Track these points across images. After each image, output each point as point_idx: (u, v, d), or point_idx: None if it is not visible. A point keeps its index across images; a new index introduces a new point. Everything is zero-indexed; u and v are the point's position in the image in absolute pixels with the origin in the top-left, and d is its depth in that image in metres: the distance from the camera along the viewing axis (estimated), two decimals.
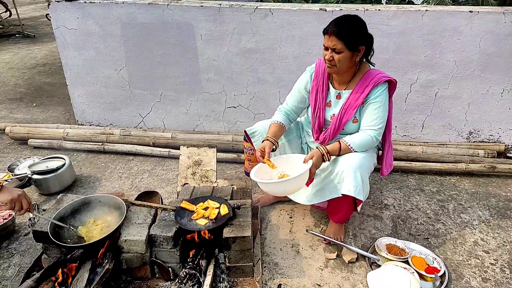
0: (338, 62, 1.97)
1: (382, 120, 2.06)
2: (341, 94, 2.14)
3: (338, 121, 2.12)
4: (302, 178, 2.00)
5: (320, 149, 2.07)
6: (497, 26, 2.85)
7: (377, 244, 2.21)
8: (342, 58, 1.95)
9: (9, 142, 3.56)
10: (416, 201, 2.70)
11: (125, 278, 1.98)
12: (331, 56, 1.96)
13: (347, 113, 2.09)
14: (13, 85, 5.03)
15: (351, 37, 1.92)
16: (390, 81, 2.06)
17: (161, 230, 1.93)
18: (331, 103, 2.17)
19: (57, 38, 3.47)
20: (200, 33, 3.20)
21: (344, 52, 1.94)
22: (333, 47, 1.94)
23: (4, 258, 2.21)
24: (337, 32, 1.91)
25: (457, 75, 3.04)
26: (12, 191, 1.75)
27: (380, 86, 2.04)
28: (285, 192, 2.20)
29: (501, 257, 2.20)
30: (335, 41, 1.92)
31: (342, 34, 1.91)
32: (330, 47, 1.95)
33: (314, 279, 2.06)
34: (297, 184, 2.04)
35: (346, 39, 1.92)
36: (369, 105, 2.06)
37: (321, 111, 2.18)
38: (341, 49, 1.93)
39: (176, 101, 3.51)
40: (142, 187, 2.87)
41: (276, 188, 2.08)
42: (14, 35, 7.59)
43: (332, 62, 1.98)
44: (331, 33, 1.93)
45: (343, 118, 2.11)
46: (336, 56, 1.95)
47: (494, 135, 3.22)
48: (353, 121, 2.12)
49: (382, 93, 2.04)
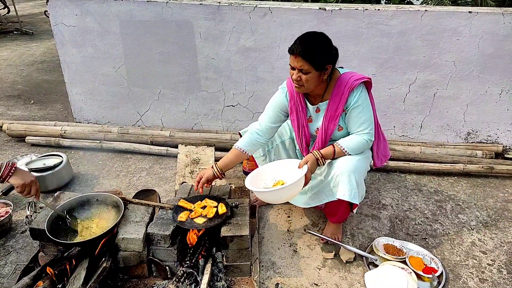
0: (305, 82, 1.93)
1: (369, 121, 2.05)
2: (319, 107, 2.12)
3: (323, 134, 2.10)
4: (298, 185, 1.99)
5: (314, 153, 2.06)
6: (496, 27, 2.85)
7: (374, 244, 2.21)
8: (310, 78, 1.91)
9: (7, 139, 3.55)
10: (414, 201, 2.70)
11: (122, 277, 1.97)
12: (298, 76, 1.92)
13: (330, 124, 2.07)
14: (11, 82, 5.01)
15: (318, 57, 1.88)
16: (365, 81, 2.03)
17: (159, 228, 1.93)
18: (312, 118, 2.16)
19: (55, 35, 3.46)
20: (199, 31, 3.19)
21: (311, 73, 1.90)
22: (300, 68, 1.89)
23: (1, 255, 2.20)
24: (303, 53, 1.86)
25: (455, 76, 3.05)
26: (25, 176, 1.79)
27: (356, 90, 2.00)
28: (281, 200, 2.18)
29: (498, 257, 2.21)
30: (301, 62, 1.87)
31: (308, 55, 1.86)
32: (296, 67, 1.90)
33: (311, 278, 2.06)
34: (293, 191, 2.03)
35: (312, 60, 1.87)
36: (352, 111, 2.03)
37: (305, 128, 2.16)
38: (308, 69, 1.89)
39: (175, 99, 3.50)
40: (140, 185, 2.86)
41: (272, 196, 2.08)
42: (12, 32, 7.56)
43: (300, 82, 1.94)
44: (296, 53, 1.88)
45: (328, 130, 2.09)
46: (303, 76, 1.91)
47: (492, 136, 3.23)
48: (338, 130, 2.10)
49: (361, 95, 2.00)
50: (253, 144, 2.21)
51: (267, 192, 2.06)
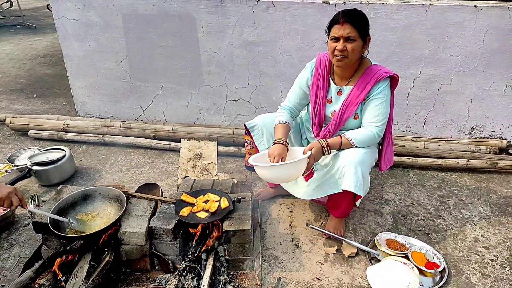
0: (351, 52, 1.93)
1: (384, 116, 2.04)
2: (342, 90, 2.11)
3: (339, 118, 2.09)
4: (298, 166, 1.97)
5: (320, 141, 2.05)
6: (502, 21, 2.82)
7: (377, 239, 2.21)
8: (355, 47, 1.93)
9: (10, 133, 3.56)
10: (417, 196, 2.69)
11: (124, 270, 1.98)
12: (344, 46, 1.92)
13: (348, 110, 2.07)
14: (14, 76, 5.02)
15: (363, 24, 1.93)
16: (392, 76, 2.04)
17: (161, 222, 1.93)
18: (332, 99, 2.15)
19: (58, 29, 3.45)
20: (202, 25, 3.17)
21: (357, 41, 1.92)
22: (347, 36, 1.90)
23: (4, 248, 2.21)
24: (350, 20, 1.89)
25: (460, 71, 3.02)
26: (1, 189, 1.71)
27: (382, 82, 2.01)
28: (279, 178, 2.12)
29: (501, 253, 2.20)
30: (349, 28, 1.89)
31: (356, 21, 1.90)
32: (343, 36, 1.91)
33: (313, 273, 2.06)
34: (292, 171, 2.00)
35: (359, 26, 1.91)
36: (371, 101, 2.03)
37: (321, 107, 2.15)
38: (355, 37, 1.91)
39: (177, 93, 3.49)
40: (142, 180, 2.86)
41: (271, 172, 2.03)
42: (15, 25, 7.56)
43: (345, 52, 1.94)
44: (343, 21, 1.90)
45: (344, 115, 2.08)
46: (349, 45, 1.92)
47: (496, 132, 3.21)
48: (354, 118, 2.10)
49: (385, 89, 2.02)
50: (292, 118, 2.26)
51: (266, 167, 2.02)
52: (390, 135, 2.25)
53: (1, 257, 2.15)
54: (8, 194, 1.71)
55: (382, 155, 2.24)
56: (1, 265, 2.09)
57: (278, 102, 2.36)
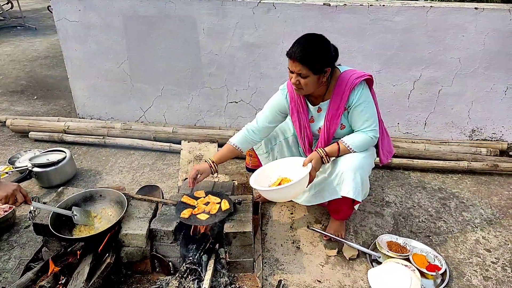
0: (305, 86, 1.92)
1: (373, 117, 2.03)
2: (321, 107, 2.10)
3: (326, 133, 2.09)
4: (302, 183, 1.98)
5: (318, 151, 2.05)
6: (503, 23, 2.82)
7: (378, 241, 2.21)
8: (309, 82, 1.90)
9: (10, 135, 3.56)
10: (418, 198, 2.69)
11: (125, 272, 1.97)
12: (297, 80, 1.91)
13: (333, 123, 2.06)
14: (14, 77, 5.02)
15: (316, 61, 1.86)
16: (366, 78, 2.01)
17: (162, 224, 1.93)
18: (314, 118, 2.14)
19: (58, 31, 3.45)
20: (203, 27, 3.18)
21: (310, 76, 1.88)
22: (298, 72, 1.88)
23: (5, 250, 2.21)
24: (301, 58, 1.84)
25: (461, 73, 3.02)
26: (6, 187, 1.73)
27: (357, 88, 1.98)
28: (285, 198, 2.18)
29: (503, 255, 2.20)
30: (299, 66, 1.86)
31: (306, 59, 1.84)
32: (295, 71, 1.89)
33: (314, 275, 2.06)
34: (297, 190, 2.03)
35: (310, 64, 1.85)
36: (354, 109, 2.01)
37: (307, 129, 2.15)
38: (306, 73, 1.87)
39: (178, 95, 3.49)
40: (143, 181, 2.86)
41: (276, 194, 2.07)
42: (16, 27, 7.56)
43: (299, 85, 1.92)
44: (294, 58, 1.86)
45: (330, 129, 2.07)
46: (302, 80, 1.90)
47: (497, 133, 3.21)
48: (341, 128, 2.09)
49: (362, 92, 1.98)
50: (247, 141, 2.21)
51: (271, 191, 2.05)
52: (383, 127, 2.23)
53: (2, 259, 2.14)
54: (13, 191, 1.73)
55: (380, 148, 2.22)
56: (2, 267, 2.09)
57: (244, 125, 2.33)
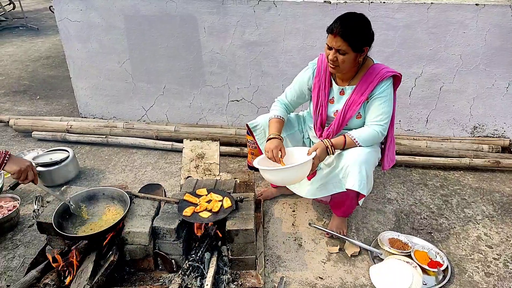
0: (341, 63, 1.92)
1: (387, 115, 2.04)
2: (345, 90, 2.10)
3: (341, 117, 2.09)
4: (304, 168, 1.98)
5: (324, 142, 2.05)
6: (504, 19, 2.82)
7: (379, 238, 2.21)
8: (346, 59, 1.91)
9: (13, 135, 3.58)
10: (420, 195, 2.69)
11: (128, 270, 1.99)
12: (335, 56, 1.91)
13: (351, 109, 2.07)
14: (17, 77, 5.04)
15: (357, 38, 1.87)
16: (395, 75, 2.03)
17: (164, 222, 1.94)
18: (334, 99, 2.15)
19: (60, 31, 3.47)
20: (203, 26, 3.18)
21: (348, 54, 1.89)
22: (338, 48, 1.88)
23: (9, 249, 2.23)
24: (343, 33, 1.84)
25: (462, 69, 3.02)
26: (20, 162, 1.78)
27: (385, 81, 2.01)
28: (284, 181, 2.15)
29: (504, 252, 2.20)
30: (340, 42, 1.86)
31: (348, 35, 1.85)
32: (334, 47, 1.89)
33: (316, 272, 2.07)
34: (298, 174, 2.01)
35: (351, 40, 1.86)
36: (375, 100, 2.03)
37: (323, 108, 2.15)
38: (346, 50, 1.88)
39: (179, 94, 3.50)
40: (145, 180, 2.88)
41: (276, 175, 2.05)
42: (18, 27, 7.58)
43: (336, 62, 1.93)
44: (336, 33, 1.86)
45: (346, 114, 2.08)
46: (340, 57, 1.90)
47: (499, 130, 3.20)
48: (356, 117, 2.10)
49: (388, 87, 2.01)
50: (286, 112, 2.27)
51: (272, 171, 2.03)
52: (392, 134, 2.25)
53: (6, 257, 2.16)
54: (26, 167, 1.78)
55: (385, 154, 2.25)
56: (6, 265, 2.11)
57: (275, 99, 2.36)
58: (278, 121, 2.20)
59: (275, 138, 2.11)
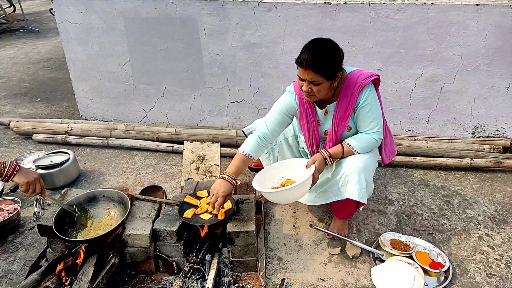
0: (317, 93, 1.87)
1: (378, 119, 2.02)
2: (327, 109, 2.06)
3: (333, 135, 2.06)
4: (305, 185, 1.97)
5: (322, 153, 2.04)
6: (504, 19, 2.81)
7: (381, 239, 2.21)
8: (322, 88, 1.85)
9: (14, 137, 3.58)
10: (421, 196, 2.69)
11: (129, 272, 1.99)
12: (309, 87, 1.85)
13: (341, 125, 2.03)
14: (18, 80, 5.05)
15: (329, 68, 1.81)
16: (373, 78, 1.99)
17: (165, 224, 1.94)
18: (320, 122, 2.12)
19: (61, 33, 3.47)
20: (204, 28, 3.19)
21: (323, 83, 1.84)
22: (311, 80, 1.82)
23: (10, 252, 2.23)
24: (313, 65, 1.78)
25: (462, 70, 3.02)
26: (29, 174, 1.80)
27: (366, 89, 1.96)
28: (288, 200, 2.15)
29: (506, 252, 2.19)
30: (312, 74, 1.80)
31: (319, 67, 1.78)
32: (307, 79, 1.83)
33: (317, 274, 2.06)
34: (300, 192, 2.01)
35: (323, 71, 1.80)
36: (361, 110, 1.98)
37: (315, 132, 2.12)
38: (319, 81, 1.82)
39: (180, 96, 3.50)
40: (146, 182, 2.87)
41: (279, 196, 2.05)
42: (18, 30, 7.59)
43: (311, 93, 1.88)
44: (306, 66, 1.79)
45: (338, 131, 2.05)
46: (314, 88, 1.85)
47: (500, 130, 3.19)
48: (347, 130, 2.07)
49: (370, 93, 1.97)
50: (259, 148, 2.11)
51: (273, 193, 2.04)
52: (386, 127, 2.21)
53: (7, 260, 2.16)
54: (34, 179, 1.80)
55: (382, 148, 2.21)
56: (7, 268, 2.11)
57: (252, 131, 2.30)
58: (243, 159, 2.04)
59: (228, 181, 1.94)
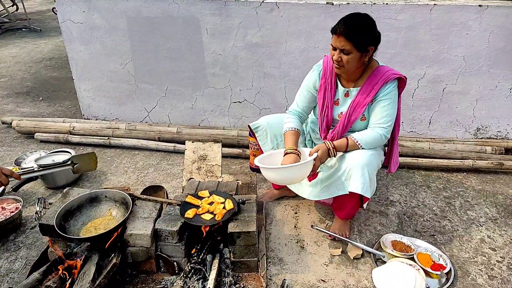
0: (346, 63, 1.92)
1: (391, 117, 2.03)
2: (350, 92, 2.10)
3: (346, 120, 2.08)
4: (305, 168, 1.97)
5: (326, 143, 2.04)
6: (507, 20, 2.81)
7: (382, 240, 2.20)
8: (351, 59, 1.90)
9: (16, 136, 3.59)
10: (422, 197, 2.68)
11: (130, 272, 1.99)
12: (339, 57, 1.91)
13: (356, 112, 2.06)
14: (20, 79, 5.06)
15: (361, 38, 1.86)
16: (400, 78, 2.02)
17: (166, 224, 1.94)
18: (339, 101, 2.14)
19: (63, 32, 3.48)
20: (206, 27, 3.18)
21: (353, 53, 1.89)
22: (342, 48, 1.88)
23: (11, 251, 2.23)
24: (346, 33, 1.84)
25: (465, 71, 3.01)
26: None
27: (390, 83, 2.00)
28: (284, 180, 2.14)
29: (508, 254, 2.18)
30: (344, 42, 1.86)
31: (352, 35, 1.84)
32: (338, 47, 1.89)
33: (319, 274, 2.06)
34: (299, 174, 2.00)
35: (355, 40, 1.85)
36: (379, 103, 2.02)
37: (329, 110, 2.14)
38: (350, 50, 1.88)
39: (182, 95, 3.50)
40: (147, 182, 2.88)
41: (277, 174, 2.04)
42: (21, 29, 7.61)
43: (340, 63, 1.93)
44: (339, 33, 1.86)
45: (351, 116, 2.07)
46: (344, 57, 1.90)
47: (502, 132, 3.19)
48: (361, 119, 2.08)
49: (392, 90, 2.00)
50: (300, 123, 2.22)
51: (272, 170, 2.03)
52: (396, 137, 2.24)
53: (9, 259, 2.17)
54: None
55: (391, 157, 2.23)
56: (9, 267, 2.11)
57: (283, 103, 2.36)
58: (294, 133, 2.15)
59: (292, 153, 2.07)
